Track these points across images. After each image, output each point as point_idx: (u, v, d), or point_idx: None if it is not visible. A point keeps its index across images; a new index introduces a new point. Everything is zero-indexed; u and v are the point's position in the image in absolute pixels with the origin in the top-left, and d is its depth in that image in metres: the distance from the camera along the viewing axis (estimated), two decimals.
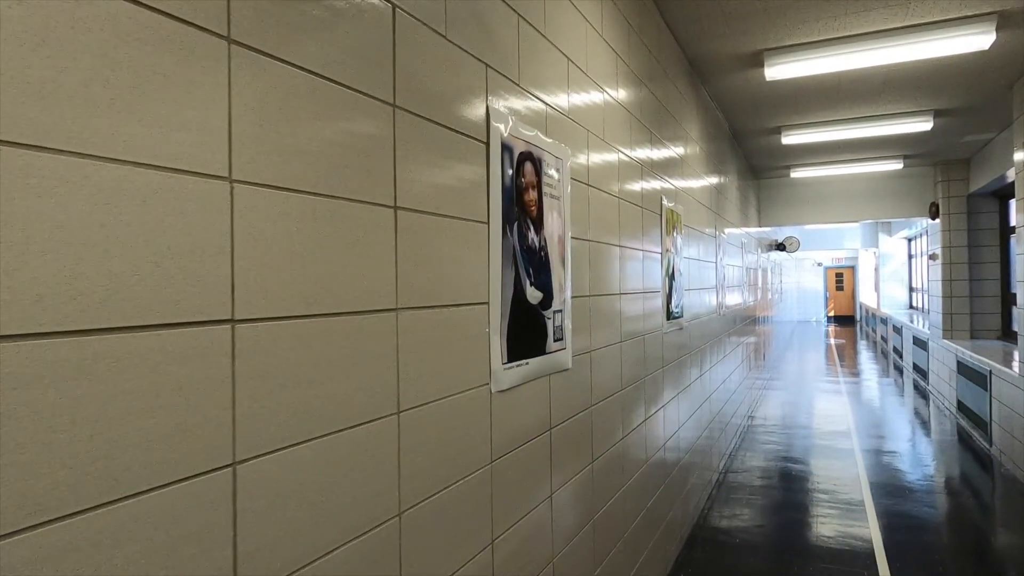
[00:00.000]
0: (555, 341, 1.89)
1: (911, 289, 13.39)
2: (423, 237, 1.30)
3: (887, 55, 3.59)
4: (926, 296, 10.99)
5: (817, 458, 5.53)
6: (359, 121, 1.12)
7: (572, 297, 2.05)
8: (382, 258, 1.17)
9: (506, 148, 1.62)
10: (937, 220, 7.67)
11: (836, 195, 8.29)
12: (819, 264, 23.48)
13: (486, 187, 1.54)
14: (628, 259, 2.66)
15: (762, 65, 3.95)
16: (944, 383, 7.66)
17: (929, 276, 8.23)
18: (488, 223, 1.54)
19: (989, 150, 6.53)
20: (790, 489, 4.72)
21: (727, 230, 5.67)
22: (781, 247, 11.63)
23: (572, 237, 2.06)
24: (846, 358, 13.04)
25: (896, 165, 7.25)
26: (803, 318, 23.28)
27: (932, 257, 7.98)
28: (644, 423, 2.88)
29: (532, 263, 1.75)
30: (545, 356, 1.82)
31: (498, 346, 1.57)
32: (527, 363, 1.71)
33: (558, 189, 1.93)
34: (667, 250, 3.33)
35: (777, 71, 3.86)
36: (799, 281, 22.73)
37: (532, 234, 1.75)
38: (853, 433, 6.38)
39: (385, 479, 1.17)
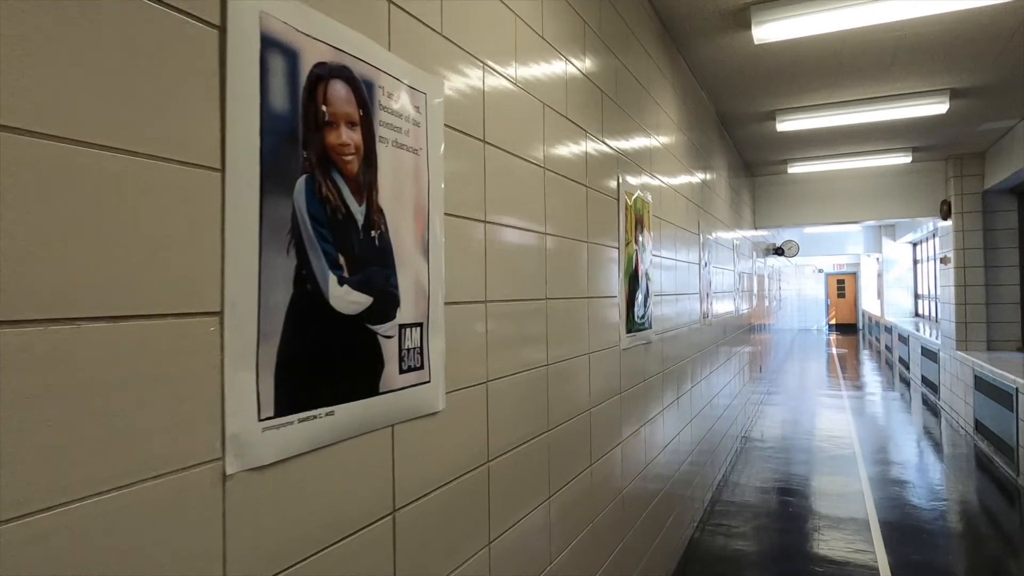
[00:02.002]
0: (404, 372, 1.21)
1: (916, 296, 12.71)
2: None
3: (900, 7, 2.92)
4: (934, 303, 10.30)
5: (819, 490, 4.82)
6: None
7: (448, 304, 1.37)
8: None
9: (277, 47, 0.94)
10: (949, 220, 6.99)
11: (838, 194, 7.61)
12: (820, 270, 22.80)
13: (219, 106, 0.86)
14: (561, 253, 1.98)
15: (749, 25, 3.29)
16: (958, 399, 6.96)
17: (940, 281, 7.54)
18: (224, 170, 0.86)
19: (1007, 141, 5.86)
20: (788, 531, 4.01)
21: (716, 232, 5.00)
22: (779, 251, 10.97)
23: (449, 214, 1.38)
24: (848, 369, 12.34)
25: (904, 159, 6.57)
26: (804, 326, 22.57)
27: (943, 260, 7.30)
28: (590, 468, 2.19)
29: (345, 247, 1.07)
30: (378, 398, 1.14)
31: (250, 389, 0.89)
32: (330, 412, 1.03)
33: (415, 137, 1.26)
34: (628, 246, 2.65)
35: (767, 31, 3.19)
36: (800, 288, 22.04)
37: (347, 200, 1.07)
38: (859, 459, 5.67)
39: None
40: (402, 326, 1.20)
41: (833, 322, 23.77)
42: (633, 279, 2.71)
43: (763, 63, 3.93)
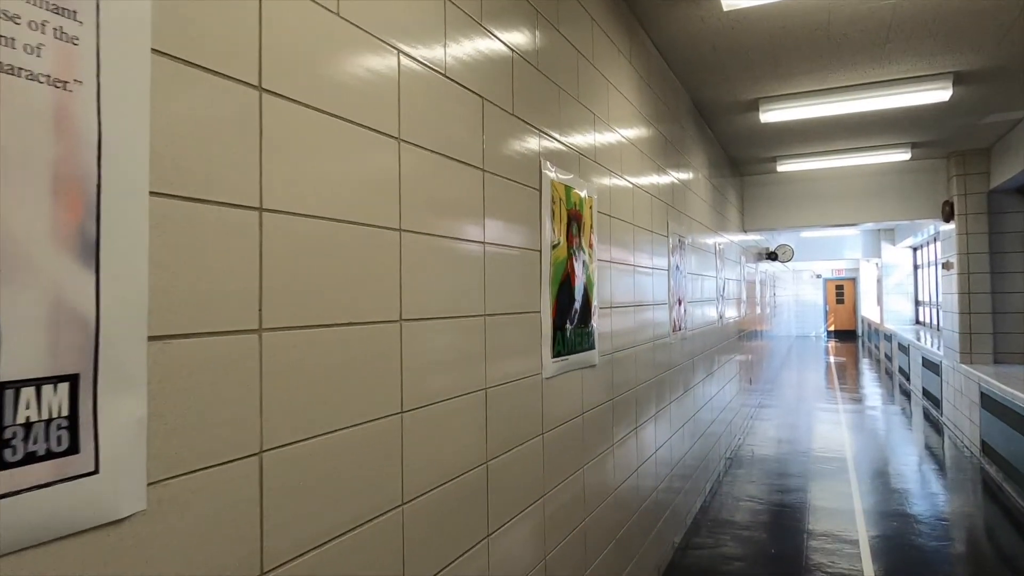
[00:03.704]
0: (13, 467, 0.69)
1: (917, 303, 12.19)
2: None
3: None
4: (937, 311, 9.78)
5: (809, 524, 4.28)
6: None
7: (170, 338, 0.85)
8: None
9: None
10: (952, 223, 6.48)
11: (831, 194, 7.09)
12: (818, 276, 22.28)
13: None
14: (432, 258, 1.47)
15: None
16: (963, 416, 6.43)
17: (942, 288, 7.02)
18: None
19: (1015, 136, 5.35)
20: None
21: (694, 235, 4.49)
22: (773, 256, 10.45)
23: (174, 196, 0.87)
24: (847, 379, 11.81)
25: (903, 156, 6.06)
26: (802, 333, 22.04)
27: (946, 266, 6.78)
28: (487, 540, 1.67)
29: None
30: None
31: None
32: None
33: (61, 61, 0.74)
34: (557, 248, 2.13)
35: None
36: (797, 294, 21.53)
37: None
38: (854, 487, 5.14)
39: None
40: (5, 385, 0.68)
41: (832, 329, 23.24)
42: (565, 289, 2.19)
43: (739, 39, 3.42)
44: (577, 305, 2.29)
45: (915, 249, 12.10)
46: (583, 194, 2.37)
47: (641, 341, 3.15)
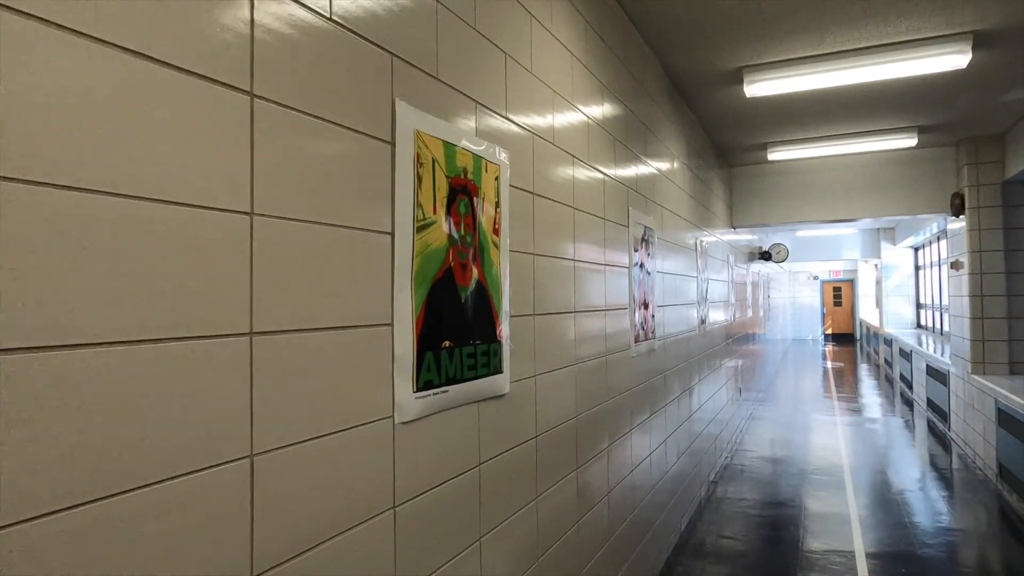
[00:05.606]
0: None
1: (918, 306, 11.56)
2: None
3: None
4: (943, 316, 9.15)
5: (801, 565, 3.62)
6: None
7: None
8: None
9: None
10: (961, 218, 5.83)
11: (829, 187, 6.43)
12: (815, 277, 21.63)
13: None
14: (104, 230, 0.80)
15: None
16: (975, 433, 5.77)
17: (950, 291, 6.36)
18: None
19: None
20: None
21: (669, 229, 3.83)
22: (766, 256, 9.82)
23: None
24: (845, 386, 11.16)
25: (908, 141, 5.41)
26: (799, 336, 21.37)
27: (954, 266, 6.12)
28: None
29: None
30: None
31: None
32: None
33: None
34: (429, 231, 1.47)
35: None
36: (794, 296, 20.87)
37: None
38: (855, 518, 4.47)
39: None
40: None
41: (829, 332, 22.59)
42: (443, 290, 1.53)
43: None
44: (468, 312, 1.63)
45: (916, 249, 11.49)
46: (480, 159, 1.71)
47: (587, 356, 2.49)
